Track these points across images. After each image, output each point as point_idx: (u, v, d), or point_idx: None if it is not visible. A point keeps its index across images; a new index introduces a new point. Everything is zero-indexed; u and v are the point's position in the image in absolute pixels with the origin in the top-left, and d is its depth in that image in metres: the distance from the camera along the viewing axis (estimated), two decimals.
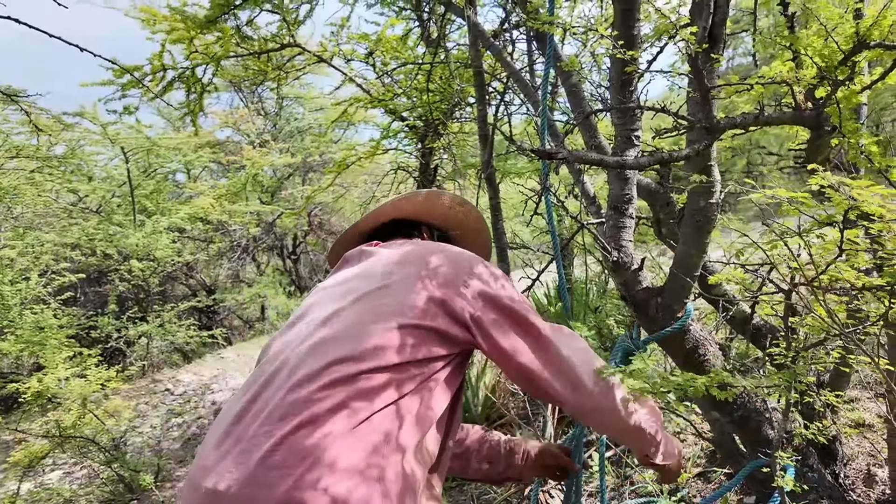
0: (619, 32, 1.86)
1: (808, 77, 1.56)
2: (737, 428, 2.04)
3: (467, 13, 2.94)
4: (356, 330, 1.07)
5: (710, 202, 1.83)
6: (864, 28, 1.53)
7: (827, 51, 1.59)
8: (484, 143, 3.10)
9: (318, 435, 0.92)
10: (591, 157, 1.40)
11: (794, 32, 1.65)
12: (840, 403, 2.12)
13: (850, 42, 1.56)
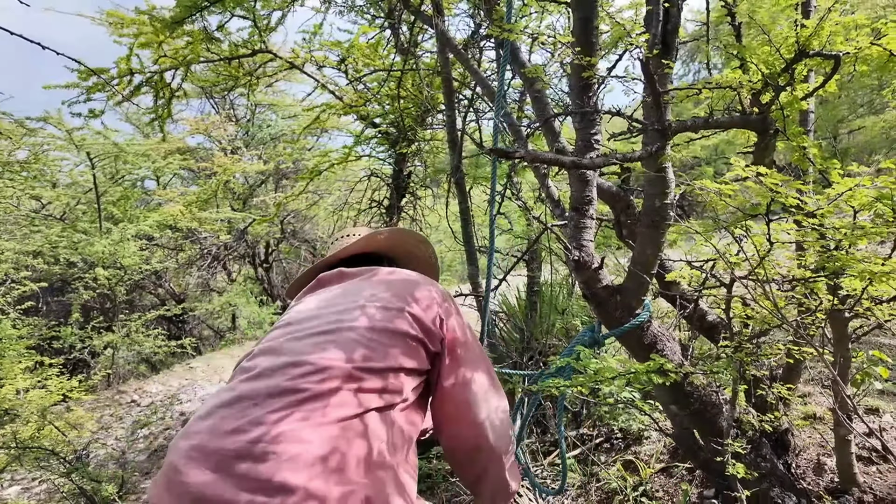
0: (578, 40, 1.94)
1: (753, 83, 1.66)
2: (694, 420, 2.12)
3: (435, 21, 3.00)
4: (357, 336, 1.14)
5: (664, 202, 1.91)
6: (804, 38, 1.63)
7: (771, 59, 1.69)
8: (453, 148, 3.15)
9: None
10: (547, 156, 1.45)
11: (740, 42, 1.75)
12: (792, 397, 2.22)
13: (792, 51, 1.66)
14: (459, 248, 15.05)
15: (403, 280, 1.34)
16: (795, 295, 1.65)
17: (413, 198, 6.90)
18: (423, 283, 1.35)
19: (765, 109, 1.66)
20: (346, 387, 1.04)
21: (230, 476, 0.90)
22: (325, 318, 1.19)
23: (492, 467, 1.30)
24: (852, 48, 1.65)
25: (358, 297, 1.24)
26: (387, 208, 6.88)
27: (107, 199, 9.47)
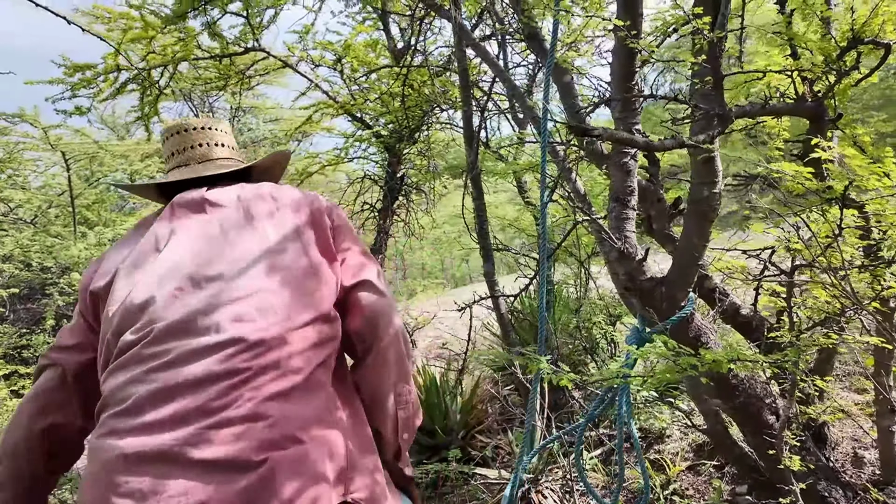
0: (623, 21, 1.90)
1: (812, 69, 1.64)
2: (738, 414, 2.08)
3: (453, 14, 2.94)
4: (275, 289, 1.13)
5: (713, 192, 1.88)
6: (859, 25, 1.63)
7: (826, 46, 1.68)
8: (470, 144, 3.09)
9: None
10: (623, 136, 1.41)
11: (789, 27, 1.74)
12: (831, 390, 2.21)
13: (846, 38, 1.65)
14: (460, 249, 14.77)
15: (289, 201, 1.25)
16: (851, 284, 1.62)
17: (406, 200, 6.81)
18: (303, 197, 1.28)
19: (821, 96, 1.65)
20: (284, 353, 1.02)
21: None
22: (223, 269, 1.10)
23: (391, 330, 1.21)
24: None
25: (253, 235, 1.16)
26: (379, 211, 6.77)
27: (80, 203, 9.10)
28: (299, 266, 1.13)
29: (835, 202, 1.40)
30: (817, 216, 1.53)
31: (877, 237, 1.52)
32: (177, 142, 1.39)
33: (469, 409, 4.18)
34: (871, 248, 1.63)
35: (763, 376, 2.05)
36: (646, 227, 2.64)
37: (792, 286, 1.57)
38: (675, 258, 1.99)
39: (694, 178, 1.90)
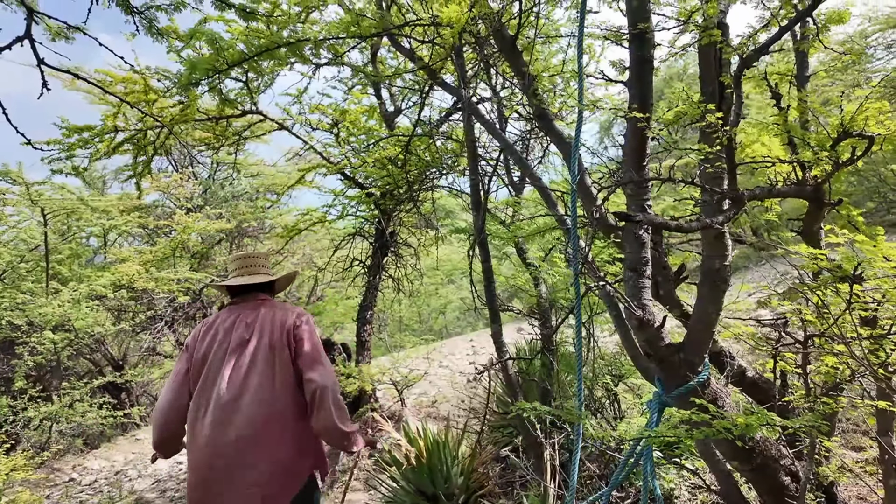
0: (638, 107, 2.10)
1: (813, 159, 1.85)
2: (754, 476, 2.17)
3: (463, 93, 3.15)
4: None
5: (724, 264, 2.04)
6: (847, 120, 1.85)
7: (819, 137, 1.90)
8: (477, 209, 3.24)
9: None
10: (659, 220, 1.55)
11: (786, 122, 1.97)
12: (837, 449, 2.33)
13: (837, 131, 1.87)
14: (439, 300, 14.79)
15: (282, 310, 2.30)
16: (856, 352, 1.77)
17: (395, 256, 6.91)
18: (290, 310, 2.30)
19: (819, 182, 1.85)
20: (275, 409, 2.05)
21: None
22: (257, 349, 2.14)
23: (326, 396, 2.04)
24: (884, 130, 1.89)
25: (266, 326, 2.20)
26: (369, 267, 6.83)
27: (55, 258, 8.88)
28: (288, 375, 2.11)
29: (847, 280, 1.55)
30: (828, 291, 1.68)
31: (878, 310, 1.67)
32: (240, 262, 2.45)
33: (470, 473, 4.13)
34: (872, 320, 1.79)
35: (775, 438, 2.15)
36: (653, 291, 2.79)
37: (807, 354, 1.70)
38: (691, 325, 2.12)
39: (705, 252, 2.06)
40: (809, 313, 1.70)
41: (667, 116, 2.15)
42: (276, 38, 3.64)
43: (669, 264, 2.65)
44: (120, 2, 2.28)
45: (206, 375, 2.07)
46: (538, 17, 2.74)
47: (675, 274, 2.63)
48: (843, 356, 1.70)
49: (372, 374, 5.45)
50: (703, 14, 1.81)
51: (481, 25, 2.70)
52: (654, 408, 2.03)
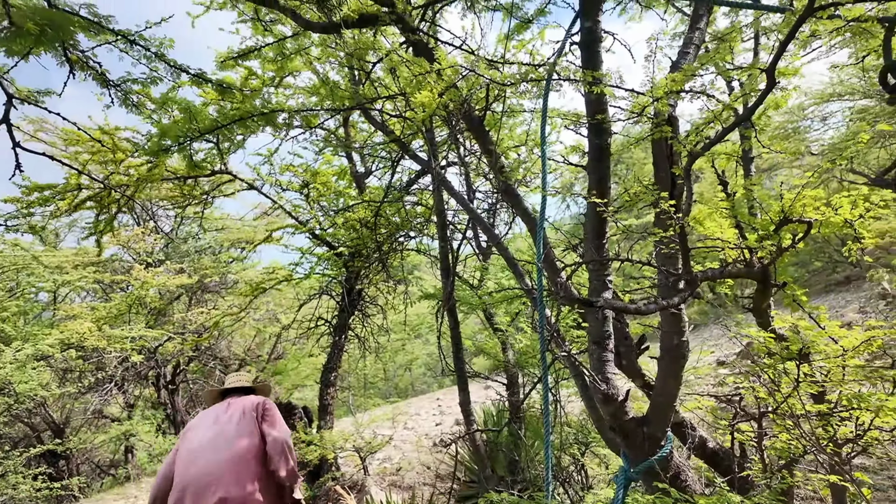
0: (596, 192, 2.24)
1: (759, 243, 2.00)
2: None
3: (433, 165, 3.28)
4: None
5: (682, 340, 2.13)
6: (787, 207, 2.02)
7: (763, 223, 2.05)
8: (446, 276, 3.29)
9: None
10: (620, 304, 1.63)
11: (733, 208, 2.13)
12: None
13: (778, 217, 2.03)
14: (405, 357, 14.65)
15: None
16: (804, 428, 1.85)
17: (362, 315, 6.84)
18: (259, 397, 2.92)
19: (766, 264, 1.98)
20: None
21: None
22: (228, 434, 2.67)
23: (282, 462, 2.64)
24: (818, 216, 2.07)
25: (242, 403, 2.82)
26: (334, 327, 6.73)
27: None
28: (252, 435, 2.66)
29: (794, 360, 1.65)
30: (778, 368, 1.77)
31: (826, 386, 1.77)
32: (233, 377, 3.13)
33: None
34: (821, 394, 1.89)
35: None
36: (616, 361, 2.86)
37: (762, 431, 1.77)
38: (654, 399, 2.18)
39: (664, 328, 2.15)
40: (762, 391, 1.78)
41: (623, 197, 2.29)
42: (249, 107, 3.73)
43: (631, 335, 2.74)
44: (96, 76, 2.32)
45: (194, 434, 2.72)
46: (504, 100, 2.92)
47: (637, 344, 2.71)
48: (794, 431, 1.78)
49: (334, 441, 5.27)
50: (654, 110, 1.97)
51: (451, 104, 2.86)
52: (620, 483, 2.05)
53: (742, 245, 1.99)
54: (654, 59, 2.03)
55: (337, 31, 2.76)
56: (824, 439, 1.84)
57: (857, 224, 2.12)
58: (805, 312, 2.02)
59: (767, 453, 1.98)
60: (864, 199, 2.15)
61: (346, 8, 2.94)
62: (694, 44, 2.30)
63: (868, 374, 1.74)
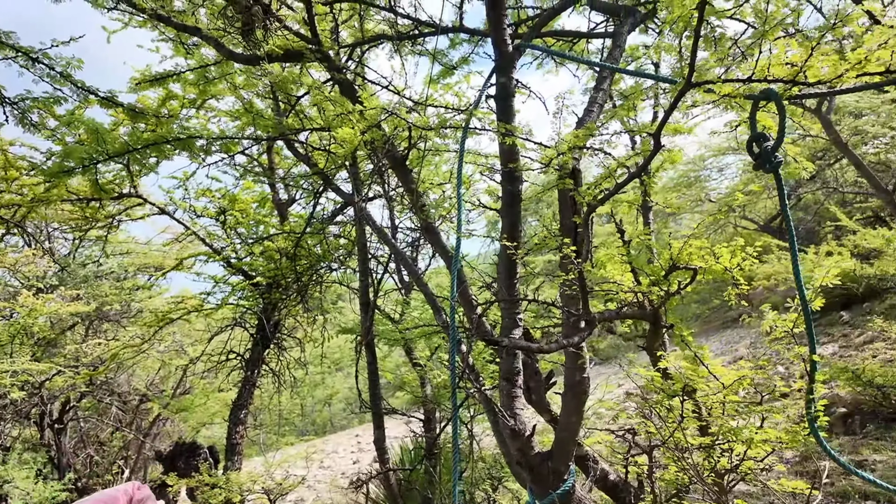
0: (508, 236, 2.36)
1: (650, 288, 2.18)
2: None
3: (356, 200, 3.31)
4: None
5: (583, 377, 2.26)
6: (675, 255, 2.23)
7: (654, 269, 2.25)
8: (365, 310, 3.29)
9: None
10: (523, 344, 1.72)
11: (630, 254, 2.32)
12: None
13: (668, 264, 2.24)
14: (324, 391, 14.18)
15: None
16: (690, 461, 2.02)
17: (278, 349, 6.59)
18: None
19: (657, 307, 2.17)
20: None
21: None
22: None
23: None
24: (703, 263, 2.30)
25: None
26: (247, 361, 6.43)
27: None
28: None
29: (678, 397, 1.81)
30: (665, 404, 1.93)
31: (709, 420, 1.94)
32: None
33: None
34: (705, 427, 2.06)
35: None
36: (526, 396, 2.96)
37: (652, 465, 1.90)
38: (557, 435, 2.28)
39: (567, 365, 2.28)
40: (652, 426, 1.93)
41: (533, 240, 2.44)
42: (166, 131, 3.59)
43: (541, 370, 2.86)
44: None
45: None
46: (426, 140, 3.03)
47: (546, 379, 2.83)
48: (681, 463, 1.93)
49: (241, 483, 4.98)
50: (559, 163, 2.14)
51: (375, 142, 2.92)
52: None
53: (635, 289, 2.17)
54: (561, 117, 2.22)
55: (260, 63, 2.76)
56: (706, 470, 2.00)
57: (734, 271, 2.38)
58: (692, 351, 2.22)
59: (659, 484, 2.12)
60: (741, 249, 2.43)
61: (272, 41, 2.96)
62: (597, 103, 2.52)
63: (744, 407, 1.93)
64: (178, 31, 3.10)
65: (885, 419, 4.66)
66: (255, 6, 2.76)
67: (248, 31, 2.85)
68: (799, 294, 1.72)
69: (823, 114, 7.62)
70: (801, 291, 1.71)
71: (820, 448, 1.90)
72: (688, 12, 1.55)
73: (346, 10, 3.49)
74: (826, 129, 7.73)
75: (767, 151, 1.70)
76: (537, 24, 2.82)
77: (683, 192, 16.60)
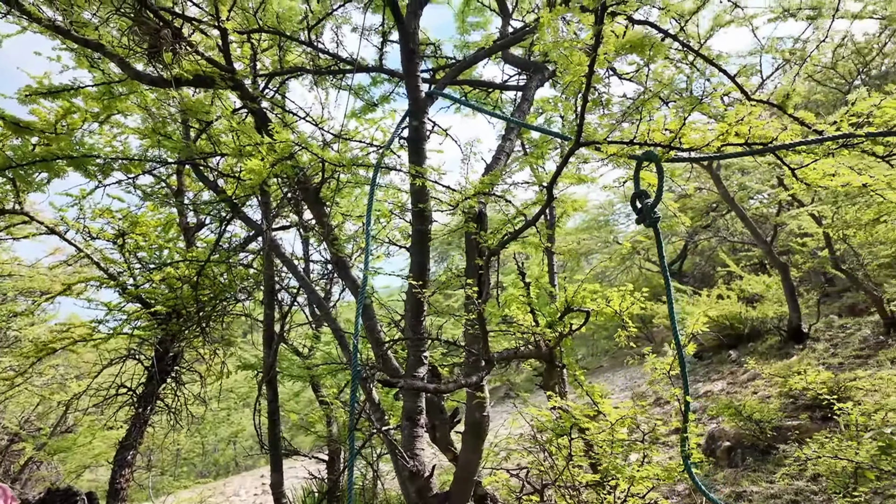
0: (415, 276, 2.40)
1: (543, 328, 2.28)
2: None
3: (265, 229, 3.22)
4: None
5: (483, 415, 2.30)
6: (570, 298, 2.35)
7: (551, 311, 2.36)
8: (268, 345, 3.17)
9: None
10: (418, 384, 1.73)
11: (529, 295, 2.43)
12: None
13: (563, 306, 2.36)
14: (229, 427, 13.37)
15: None
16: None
17: (176, 384, 6.13)
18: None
19: (551, 347, 2.27)
20: None
21: None
22: None
23: None
24: (595, 306, 2.45)
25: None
26: (140, 397, 5.92)
27: None
28: None
29: (566, 436, 1.88)
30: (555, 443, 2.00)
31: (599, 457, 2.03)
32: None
33: None
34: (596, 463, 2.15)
35: None
36: (430, 435, 2.95)
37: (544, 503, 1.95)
38: (456, 475, 2.29)
39: (468, 404, 2.31)
40: (544, 464, 1.99)
41: (441, 278, 2.49)
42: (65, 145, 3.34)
43: (447, 408, 2.87)
44: None
45: None
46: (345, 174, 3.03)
47: (450, 417, 2.85)
48: (570, 500, 2.00)
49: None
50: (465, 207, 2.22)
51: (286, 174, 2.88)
52: None
53: (533, 329, 2.27)
54: (469, 163, 2.31)
55: (168, 86, 2.66)
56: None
57: (624, 314, 2.55)
58: (584, 389, 2.33)
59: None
60: (630, 293, 2.61)
61: (184, 65, 2.87)
62: (505, 152, 2.66)
63: (626, 446, 2.04)
64: (81, 46, 2.93)
65: (762, 451, 5.09)
66: (165, 29, 2.67)
67: (155, 54, 2.74)
68: (674, 339, 1.87)
69: (714, 170, 8.45)
70: (676, 337, 1.86)
71: (705, 480, 2.04)
72: (578, 79, 1.70)
73: (266, 40, 3.47)
74: (716, 183, 8.57)
75: (648, 207, 1.87)
76: (451, 73, 2.95)
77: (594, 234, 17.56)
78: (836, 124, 1.97)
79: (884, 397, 4.19)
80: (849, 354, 7.28)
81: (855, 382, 5.05)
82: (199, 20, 2.84)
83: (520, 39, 3.02)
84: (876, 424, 3.57)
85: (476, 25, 5.44)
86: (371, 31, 3.66)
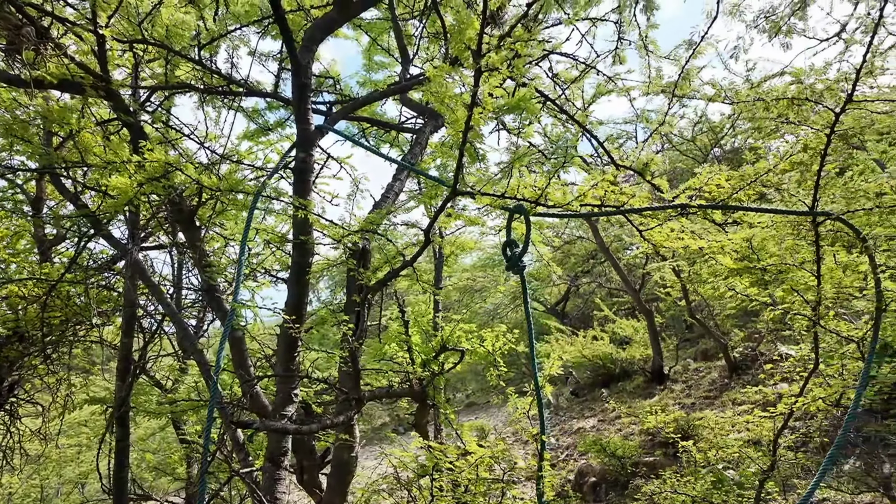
0: (290, 310, 2.34)
1: (418, 367, 2.32)
2: None
3: (129, 249, 2.98)
4: None
5: (351, 455, 2.26)
6: (446, 337, 2.42)
7: (427, 350, 2.41)
8: (123, 378, 2.89)
9: None
10: (276, 426, 1.67)
11: (408, 335, 2.46)
12: None
13: (439, 345, 2.42)
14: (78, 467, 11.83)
15: None
16: None
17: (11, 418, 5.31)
18: None
19: (424, 385, 2.31)
20: None
21: None
22: None
23: None
24: (470, 345, 2.54)
25: None
26: None
27: None
28: None
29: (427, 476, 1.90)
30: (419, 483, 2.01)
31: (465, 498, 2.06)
32: None
33: None
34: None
35: None
36: (298, 476, 2.83)
37: None
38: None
39: (336, 446, 2.27)
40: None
41: (321, 312, 2.45)
42: None
43: (317, 448, 2.78)
44: None
45: None
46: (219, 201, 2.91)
47: (321, 457, 2.76)
48: None
49: None
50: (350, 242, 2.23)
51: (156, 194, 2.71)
52: None
53: (406, 368, 2.30)
54: (355, 199, 2.34)
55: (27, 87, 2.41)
56: None
57: (496, 354, 2.67)
58: (453, 429, 2.38)
59: None
60: (503, 334, 2.74)
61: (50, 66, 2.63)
62: (394, 191, 2.72)
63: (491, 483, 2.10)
64: None
65: (622, 486, 5.46)
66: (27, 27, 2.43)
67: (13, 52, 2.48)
68: (534, 381, 2.00)
69: (592, 222, 9.21)
70: (535, 379, 1.99)
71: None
72: (458, 135, 1.81)
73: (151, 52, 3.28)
74: (594, 234, 9.33)
75: (515, 256, 2.00)
76: (344, 109, 2.99)
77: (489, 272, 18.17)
78: (677, 196, 2.27)
79: (721, 436, 4.71)
80: (700, 395, 8.12)
81: (701, 421, 5.63)
82: (74, 22, 2.62)
83: (411, 87, 3.14)
84: (713, 460, 4.00)
85: (382, 65, 5.58)
86: (269, 57, 3.61)
